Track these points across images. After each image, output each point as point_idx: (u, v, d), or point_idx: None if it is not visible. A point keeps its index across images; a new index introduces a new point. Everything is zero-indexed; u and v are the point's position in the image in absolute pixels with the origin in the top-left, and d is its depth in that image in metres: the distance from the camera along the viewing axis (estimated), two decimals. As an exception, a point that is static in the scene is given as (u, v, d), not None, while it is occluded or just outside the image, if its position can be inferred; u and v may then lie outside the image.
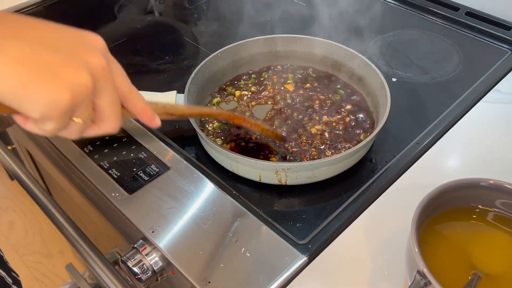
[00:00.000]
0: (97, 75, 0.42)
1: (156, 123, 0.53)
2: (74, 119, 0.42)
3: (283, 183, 0.70)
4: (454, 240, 0.57)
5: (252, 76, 0.89)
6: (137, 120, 0.83)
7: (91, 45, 0.43)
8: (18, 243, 1.93)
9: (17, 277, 0.84)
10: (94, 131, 0.47)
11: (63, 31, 0.43)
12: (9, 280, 0.80)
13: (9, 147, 1.18)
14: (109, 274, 0.72)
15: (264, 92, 0.85)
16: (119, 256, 0.98)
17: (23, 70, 0.38)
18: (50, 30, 0.42)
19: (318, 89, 0.86)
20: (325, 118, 0.80)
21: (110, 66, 0.45)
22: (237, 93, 0.85)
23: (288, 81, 0.88)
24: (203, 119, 0.81)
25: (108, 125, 0.46)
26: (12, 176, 0.93)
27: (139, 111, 0.50)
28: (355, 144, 0.75)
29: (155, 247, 0.65)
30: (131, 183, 0.72)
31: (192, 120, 0.73)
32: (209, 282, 0.60)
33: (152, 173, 0.73)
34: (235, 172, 0.73)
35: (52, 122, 0.40)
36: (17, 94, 0.38)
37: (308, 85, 0.86)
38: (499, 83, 0.89)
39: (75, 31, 0.44)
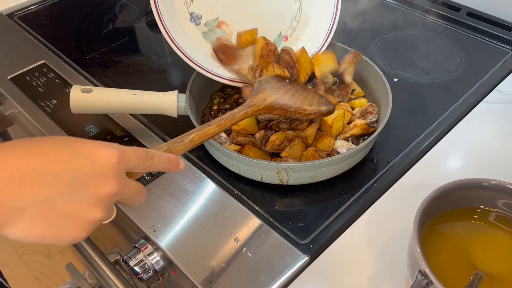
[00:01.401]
0: (111, 201, 0.45)
1: (182, 165, 0.55)
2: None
3: (285, 183, 0.70)
4: (455, 240, 0.57)
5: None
6: (139, 120, 0.83)
7: (99, 172, 0.44)
8: (18, 242, 1.92)
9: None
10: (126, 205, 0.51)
11: (74, 164, 0.43)
12: None
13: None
14: (110, 274, 0.72)
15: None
16: (119, 256, 0.98)
17: (42, 226, 0.42)
18: (60, 168, 0.42)
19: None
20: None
21: (126, 167, 0.46)
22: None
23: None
24: (203, 118, 0.81)
25: (137, 203, 0.50)
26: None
27: (166, 168, 0.52)
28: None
29: (156, 247, 0.65)
30: (133, 183, 0.72)
31: (193, 119, 0.73)
32: (211, 282, 0.60)
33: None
34: (237, 172, 0.73)
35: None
36: (41, 242, 0.43)
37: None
38: (500, 83, 0.89)
39: (82, 158, 0.44)
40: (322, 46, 0.85)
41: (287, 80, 0.77)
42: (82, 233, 0.44)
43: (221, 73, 0.79)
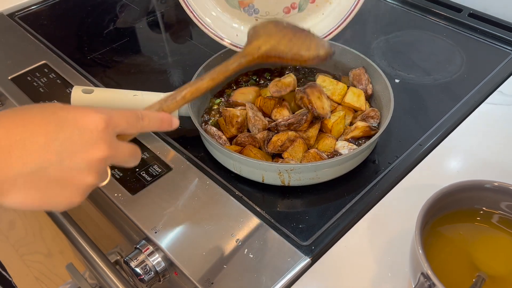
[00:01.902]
0: (102, 165, 0.45)
1: (175, 124, 0.54)
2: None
3: (286, 184, 0.70)
4: (458, 241, 0.57)
5: (252, 78, 0.89)
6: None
7: (87, 139, 0.44)
8: (18, 242, 1.92)
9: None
10: (121, 166, 0.51)
11: (61, 132, 0.43)
12: None
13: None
14: (110, 274, 0.72)
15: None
16: (119, 256, 0.98)
17: (38, 194, 0.43)
18: (48, 138, 0.43)
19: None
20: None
21: (114, 131, 0.47)
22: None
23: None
24: (204, 118, 0.81)
25: (131, 164, 0.51)
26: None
27: (158, 127, 0.53)
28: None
29: (158, 248, 0.65)
30: (134, 184, 0.72)
31: (194, 120, 0.73)
32: (212, 283, 0.60)
33: (154, 174, 0.73)
34: (238, 173, 0.72)
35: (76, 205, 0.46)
36: (39, 208, 0.44)
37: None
38: (502, 84, 0.89)
39: (72, 126, 0.44)
40: (340, 24, 0.81)
41: (285, 24, 0.71)
42: (77, 198, 0.45)
43: (222, 35, 0.77)
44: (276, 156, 0.74)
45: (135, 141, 0.78)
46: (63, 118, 0.44)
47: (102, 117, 0.45)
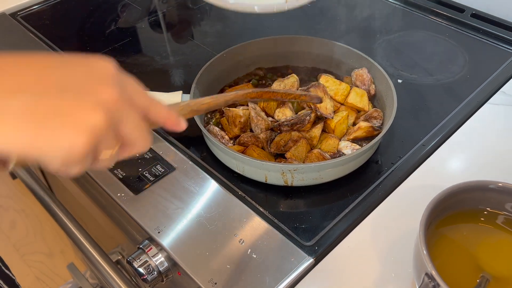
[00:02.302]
0: (112, 108, 0.39)
1: (182, 126, 0.49)
2: (100, 155, 0.40)
3: (289, 184, 0.70)
4: (462, 242, 0.57)
5: (254, 78, 0.89)
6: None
7: (100, 76, 0.40)
8: (19, 242, 1.92)
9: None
10: (126, 154, 0.44)
11: (68, 65, 0.39)
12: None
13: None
14: (112, 273, 0.72)
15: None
16: (120, 256, 0.98)
17: (29, 125, 0.35)
18: (52, 67, 0.38)
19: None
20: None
21: (125, 88, 0.42)
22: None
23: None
24: (207, 117, 0.81)
25: (138, 148, 0.44)
26: (15, 174, 0.93)
27: (163, 119, 0.47)
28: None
29: (161, 248, 0.65)
30: (137, 183, 0.72)
31: (197, 120, 0.73)
32: (215, 283, 0.60)
33: (157, 174, 0.73)
34: (241, 173, 0.72)
35: (75, 166, 0.38)
36: (31, 150, 0.36)
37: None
38: (505, 85, 0.89)
39: (81, 62, 0.40)
40: None
41: None
42: (80, 138, 0.36)
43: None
44: (279, 156, 0.74)
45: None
46: (70, 58, 0.40)
47: (113, 63, 0.41)
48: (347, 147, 0.74)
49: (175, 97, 0.77)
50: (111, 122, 0.39)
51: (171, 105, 0.53)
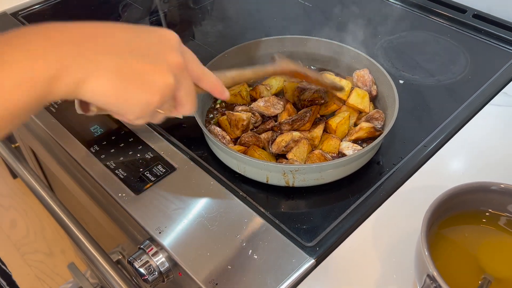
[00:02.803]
0: (177, 72, 0.47)
1: (226, 95, 0.57)
2: (160, 111, 0.49)
3: (291, 185, 0.70)
4: (463, 243, 0.57)
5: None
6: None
7: (168, 44, 0.48)
8: (19, 241, 1.92)
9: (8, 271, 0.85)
10: (174, 114, 0.53)
11: (144, 33, 0.47)
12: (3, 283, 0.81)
13: (13, 145, 1.18)
14: (113, 273, 0.72)
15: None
16: (121, 256, 0.98)
17: (119, 82, 0.43)
18: (129, 36, 0.45)
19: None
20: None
21: (185, 56, 0.49)
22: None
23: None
24: (208, 117, 0.81)
25: (186, 110, 0.52)
26: (16, 174, 0.93)
27: (212, 88, 0.55)
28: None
29: (162, 248, 0.65)
30: (138, 184, 0.72)
31: (198, 120, 0.73)
32: (216, 284, 0.60)
33: (158, 174, 0.73)
34: (242, 173, 0.72)
35: (142, 119, 0.48)
36: (116, 103, 0.44)
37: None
38: (507, 86, 0.89)
39: (152, 31, 0.48)
40: None
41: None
42: (156, 96, 0.45)
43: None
44: (280, 156, 0.74)
45: (138, 140, 0.78)
46: (143, 27, 0.48)
47: (175, 34, 0.49)
48: (349, 148, 0.74)
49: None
50: (178, 83, 0.48)
51: (217, 74, 0.59)
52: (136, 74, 0.44)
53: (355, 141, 0.76)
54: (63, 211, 0.81)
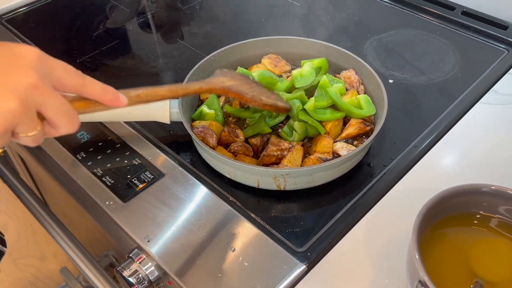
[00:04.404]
0: (28, 94, 0.42)
1: (122, 101, 0.51)
2: (21, 134, 0.43)
3: (282, 188, 0.69)
4: (455, 247, 0.56)
5: None
6: (131, 126, 0.81)
7: (18, 63, 0.42)
8: (11, 246, 1.89)
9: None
10: (55, 134, 0.47)
11: None
12: None
13: (0, 151, 1.16)
14: (103, 281, 0.70)
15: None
16: (113, 259, 0.97)
17: None
18: None
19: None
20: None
21: (49, 71, 0.44)
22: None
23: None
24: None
25: (64, 129, 0.46)
26: (2, 180, 0.92)
27: (100, 95, 0.49)
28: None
29: (150, 257, 0.64)
30: (125, 191, 0.71)
31: (187, 126, 0.72)
32: (207, 293, 0.59)
33: (146, 180, 0.72)
34: (233, 178, 0.71)
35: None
36: None
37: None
38: (496, 83, 0.88)
39: (7, 49, 0.43)
40: None
41: (252, 79, 0.75)
42: None
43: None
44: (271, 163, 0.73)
45: (125, 146, 0.77)
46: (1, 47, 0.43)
47: (36, 50, 0.44)
48: (343, 148, 0.73)
49: (164, 102, 0.75)
50: (27, 107, 0.42)
51: (121, 91, 0.53)
52: None
53: (346, 139, 0.75)
54: (51, 218, 0.80)
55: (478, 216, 0.58)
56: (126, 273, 0.64)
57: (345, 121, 0.78)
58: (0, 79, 0.41)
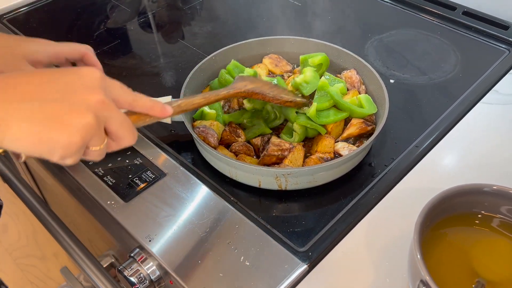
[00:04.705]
0: (99, 109, 0.46)
1: (168, 111, 0.56)
2: (91, 148, 0.48)
3: (284, 188, 0.69)
4: (457, 246, 0.56)
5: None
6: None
7: (86, 83, 0.47)
8: (11, 246, 1.90)
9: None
10: (115, 147, 0.52)
11: (58, 77, 0.46)
12: None
13: (0, 150, 1.16)
14: (104, 281, 0.70)
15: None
16: (113, 259, 0.97)
17: (35, 128, 0.43)
18: (45, 81, 0.45)
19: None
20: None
21: (109, 89, 0.49)
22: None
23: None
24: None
25: (125, 142, 0.52)
26: (3, 179, 0.92)
27: (148, 109, 0.54)
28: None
29: (152, 256, 0.64)
30: (127, 190, 0.71)
31: (188, 125, 0.72)
32: (208, 292, 0.59)
33: (148, 180, 0.72)
34: (234, 178, 0.71)
35: (70, 159, 0.47)
36: (36, 147, 0.44)
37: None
38: (498, 83, 0.88)
39: (69, 73, 0.47)
40: None
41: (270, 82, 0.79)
42: (75, 137, 0.45)
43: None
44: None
45: (130, 149, 0.77)
46: (62, 70, 0.48)
47: (98, 70, 0.48)
48: (344, 148, 0.73)
49: (164, 102, 0.75)
50: (99, 121, 0.47)
51: (165, 103, 0.58)
52: (50, 117, 0.44)
53: (347, 139, 0.75)
54: (52, 217, 0.80)
55: (479, 216, 0.58)
56: (127, 273, 0.64)
57: (346, 121, 0.78)
58: (74, 98, 0.45)
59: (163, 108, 0.55)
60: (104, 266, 0.78)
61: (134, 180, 0.72)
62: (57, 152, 0.45)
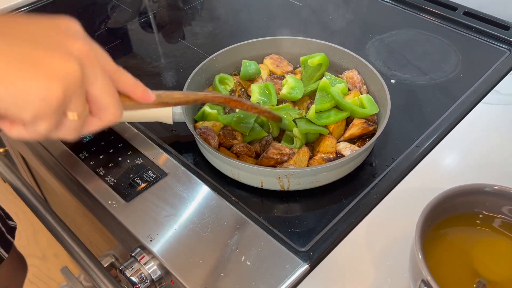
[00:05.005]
0: (83, 60, 0.39)
1: (150, 96, 0.49)
2: (69, 114, 0.39)
3: (286, 189, 0.69)
4: (458, 246, 0.56)
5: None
6: (134, 126, 0.81)
7: (70, 31, 0.41)
8: (11, 246, 1.90)
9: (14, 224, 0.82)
10: (96, 125, 0.43)
11: (38, 21, 0.40)
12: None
13: (1, 150, 1.16)
14: (105, 280, 0.71)
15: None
16: (114, 259, 0.97)
17: (9, 70, 0.35)
18: (23, 22, 0.39)
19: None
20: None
21: (93, 47, 0.42)
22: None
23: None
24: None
25: (110, 113, 0.42)
26: (4, 179, 0.92)
27: (131, 88, 0.46)
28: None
29: (153, 256, 0.64)
30: (128, 190, 0.71)
31: (190, 126, 0.72)
32: (209, 292, 0.59)
33: (149, 180, 0.72)
34: (236, 178, 0.71)
35: (44, 122, 0.37)
36: (6, 96, 0.35)
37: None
38: (499, 84, 0.88)
39: (51, 19, 0.41)
40: None
41: None
42: (56, 86, 0.36)
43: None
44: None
45: (127, 145, 0.77)
46: (40, 16, 0.41)
47: (79, 24, 0.43)
48: (346, 149, 0.73)
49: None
50: (83, 74, 0.38)
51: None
52: (27, 58, 0.36)
53: (349, 139, 0.75)
54: (52, 217, 0.80)
55: (481, 216, 0.58)
56: (128, 273, 0.64)
57: (348, 121, 0.78)
58: (56, 43, 0.38)
59: (145, 91, 0.48)
60: (105, 266, 0.78)
61: (135, 180, 0.72)
62: (31, 106, 0.36)
